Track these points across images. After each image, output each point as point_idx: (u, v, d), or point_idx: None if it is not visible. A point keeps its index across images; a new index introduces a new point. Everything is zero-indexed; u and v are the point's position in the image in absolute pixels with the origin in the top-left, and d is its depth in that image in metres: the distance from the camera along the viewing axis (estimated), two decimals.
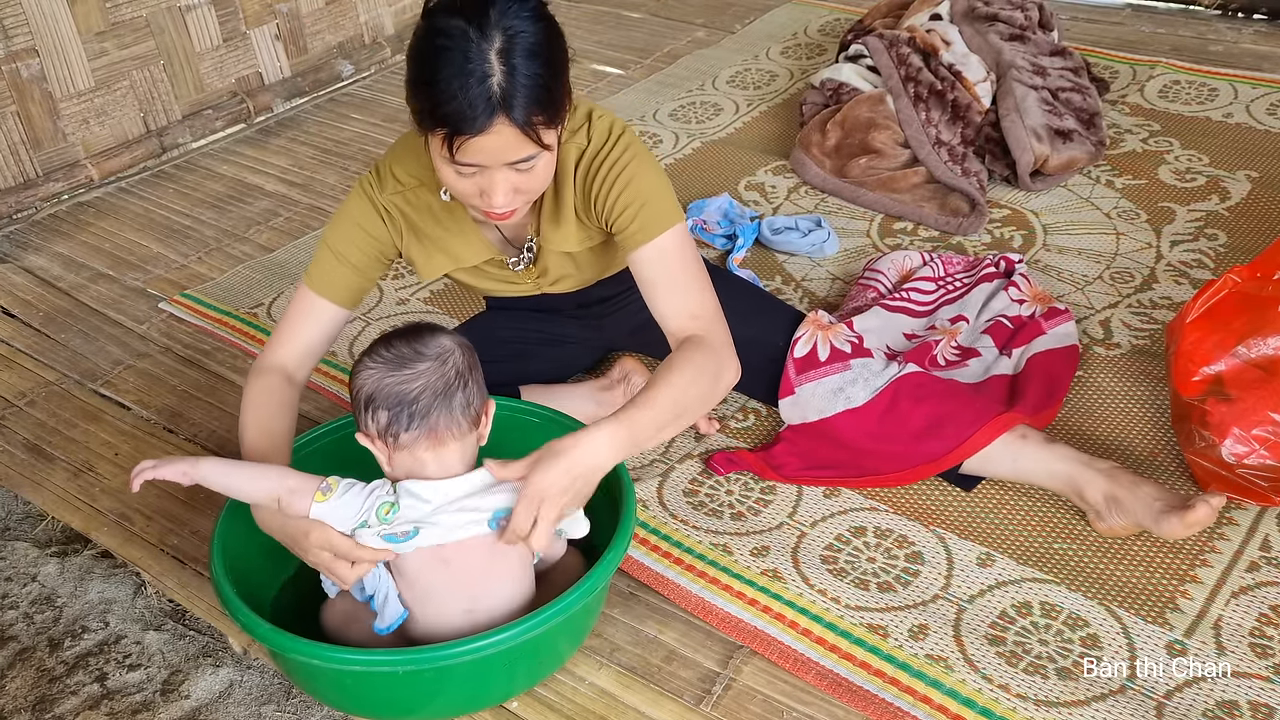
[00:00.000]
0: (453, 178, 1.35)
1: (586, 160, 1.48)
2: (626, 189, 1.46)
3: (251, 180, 2.81)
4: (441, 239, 1.55)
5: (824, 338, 1.71)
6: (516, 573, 1.35)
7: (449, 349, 1.30)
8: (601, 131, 1.48)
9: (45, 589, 1.63)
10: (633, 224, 1.46)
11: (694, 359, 1.40)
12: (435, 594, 1.31)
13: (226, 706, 1.43)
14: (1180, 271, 2.12)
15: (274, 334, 1.55)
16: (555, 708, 1.38)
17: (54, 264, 2.48)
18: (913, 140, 2.47)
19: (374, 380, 1.28)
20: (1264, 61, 2.94)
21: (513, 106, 1.26)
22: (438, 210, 1.53)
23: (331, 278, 1.53)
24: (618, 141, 1.48)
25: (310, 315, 1.53)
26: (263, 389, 1.48)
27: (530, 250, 1.60)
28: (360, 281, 1.55)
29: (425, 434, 1.27)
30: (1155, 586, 1.48)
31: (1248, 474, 1.56)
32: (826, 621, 1.46)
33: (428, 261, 1.57)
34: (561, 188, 1.50)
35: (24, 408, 2.01)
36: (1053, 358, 1.83)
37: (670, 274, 1.47)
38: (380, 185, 1.52)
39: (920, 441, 1.61)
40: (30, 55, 2.59)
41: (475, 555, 1.30)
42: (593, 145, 1.48)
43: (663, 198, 1.48)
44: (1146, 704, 1.33)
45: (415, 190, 1.52)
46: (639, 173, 1.47)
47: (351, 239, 1.52)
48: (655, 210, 1.46)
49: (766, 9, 3.59)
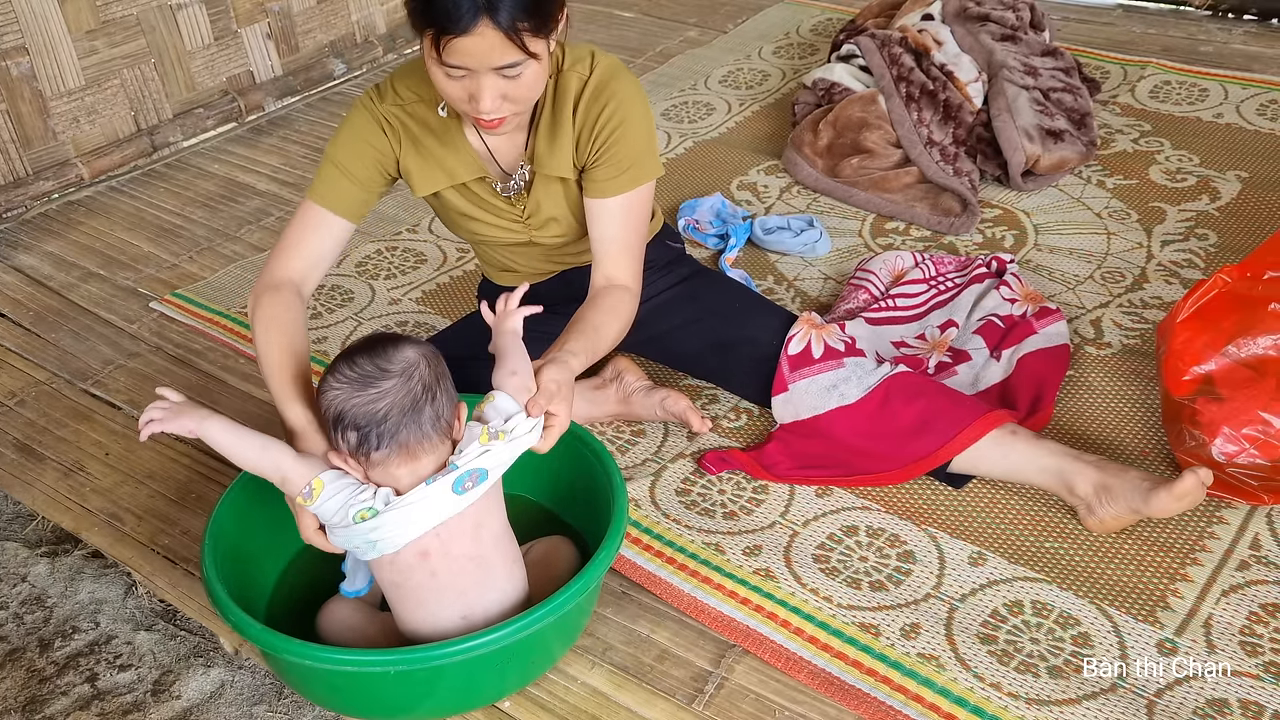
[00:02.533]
0: (443, 80, 1.38)
1: (590, 92, 1.53)
2: (619, 130, 1.52)
3: (243, 179, 2.80)
4: (437, 152, 1.57)
5: (818, 336, 1.71)
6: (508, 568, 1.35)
7: (413, 362, 1.27)
8: (605, 69, 1.54)
9: (35, 589, 1.62)
10: (614, 167, 1.53)
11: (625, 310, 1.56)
12: (427, 599, 1.30)
13: (218, 707, 1.42)
14: (1171, 271, 2.13)
15: (276, 250, 1.54)
16: (547, 707, 1.38)
17: (44, 263, 2.47)
18: (905, 140, 2.48)
19: (340, 400, 1.25)
20: (1254, 62, 2.95)
21: (497, 10, 1.29)
22: (435, 125, 1.56)
23: (336, 190, 1.54)
24: (622, 83, 1.53)
25: (316, 228, 1.54)
26: (278, 305, 1.47)
27: (521, 178, 1.61)
28: (363, 194, 1.56)
29: (397, 451, 1.25)
30: (1146, 585, 1.49)
31: (1238, 473, 1.56)
32: (819, 620, 1.46)
33: (423, 174, 1.59)
34: (560, 112, 1.53)
35: (14, 407, 2.00)
36: (1043, 358, 1.83)
37: (626, 227, 1.57)
38: (380, 98, 1.56)
39: (911, 439, 1.62)
40: (20, 53, 2.58)
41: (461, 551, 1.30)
42: (595, 78, 1.53)
43: (649, 150, 1.56)
44: (1138, 702, 1.33)
45: (414, 105, 1.56)
46: (635, 120, 1.53)
47: (353, 151, 1.55)
48: (640, 162, 1.55)
49: (759, 8, 3.59)
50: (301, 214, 1.55)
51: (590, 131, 1.53)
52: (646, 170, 1.56)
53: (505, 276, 1.82)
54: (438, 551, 1.29)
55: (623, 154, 1.53)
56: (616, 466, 1.47)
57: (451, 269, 2.32)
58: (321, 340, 2.11)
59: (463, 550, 1.30)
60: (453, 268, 2.32)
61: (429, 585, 1.29)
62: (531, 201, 1.62)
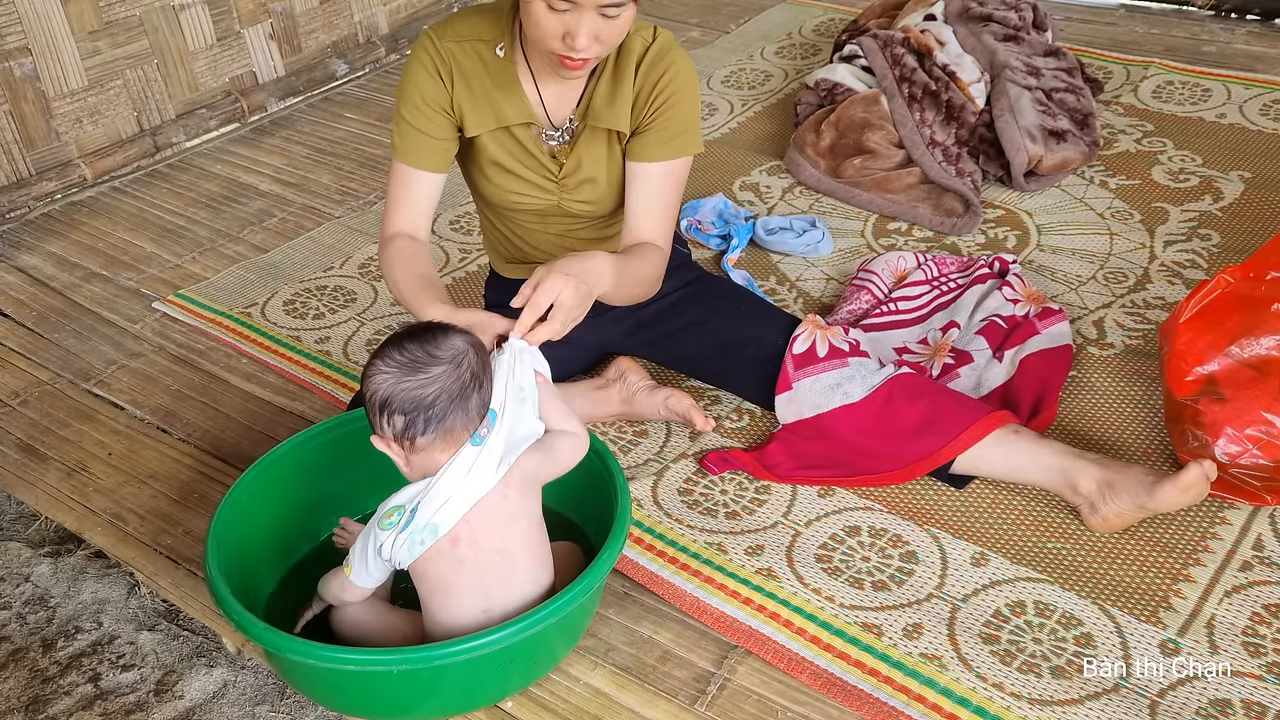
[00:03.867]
0: (543, 13, 1.39)
1: (652, 57, 1.57)
2: (677, 99, 1.58)
3: (245, 180, 2.80)
4: (490, 92, 1.60)
5: (823, 336, 1.71)
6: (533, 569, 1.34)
7: (462, 350, 1.29)
8: (666, 39, 1.60)
9: (38, 589, 1.62)
10: (666, 132, 1.59)
11: (655, 260, 1.60)
12: (452, 587, 1.30)
13: (220, 707, 1.42)
14: (1174, 272, 2.13)
15: (385, 210, 1.65)
16: (550, 708, 1.38)
17: (47, 263, 2.47)
18: (907, 141, 2.48)
19: (389, 384, 1.26)
20: (1257, 62, 2.95)
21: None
22: (491, 65, 1.59)
23: (414, 147, 1.61)
24: (680, 55, 1.59)
25: (408, 184, 1.62)
26: (397, 250, 1.58)
27: (568, 132, 1.64)
28: (441, 145, 1.62)
29: (442, 437, 1.27)
30: (1149, 585, 1.49)
31: (1241, 473, 1.56)
32: (821, 621, 1.46)
33: (475, 113, 1.61)
34: (623, 70, 1.58)
35: (17, 407, 2.01)
36: (1046, 359, 1.83)
37: (664, 195, 1.62)
38: (441, 35, 1.59)
39: (914, 439, 1.62)
40: (23, 54, 2.59)
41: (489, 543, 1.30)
42: (658, 45, 1.58)
43: (695, 126, 1.62)
44: (1140, 703, 1.33)
45: (474, 43, 1.59)
46: (691, 92, 1.60)
47: (420, 110, 1.59)
48: (690, 132, 1.61)
49: (761, 9, 3.59)
50: (396, 176, 1.63)
51: (649, 93, 1.57)
52: (692, 142, 1.61)
53: (513, 269, 1.82)
54: (467, 539, 1.29)
55: (674, 121, 1.58)
56: (619, 466, 1.47)
57: (454, 269, 2.32)
58: (324, 340, 2.11)
59: (490, 542, 1.30)
60: (455, 268, 2.32)
61: (455, 573, 1.30)
62: (573, 158, 1.64)
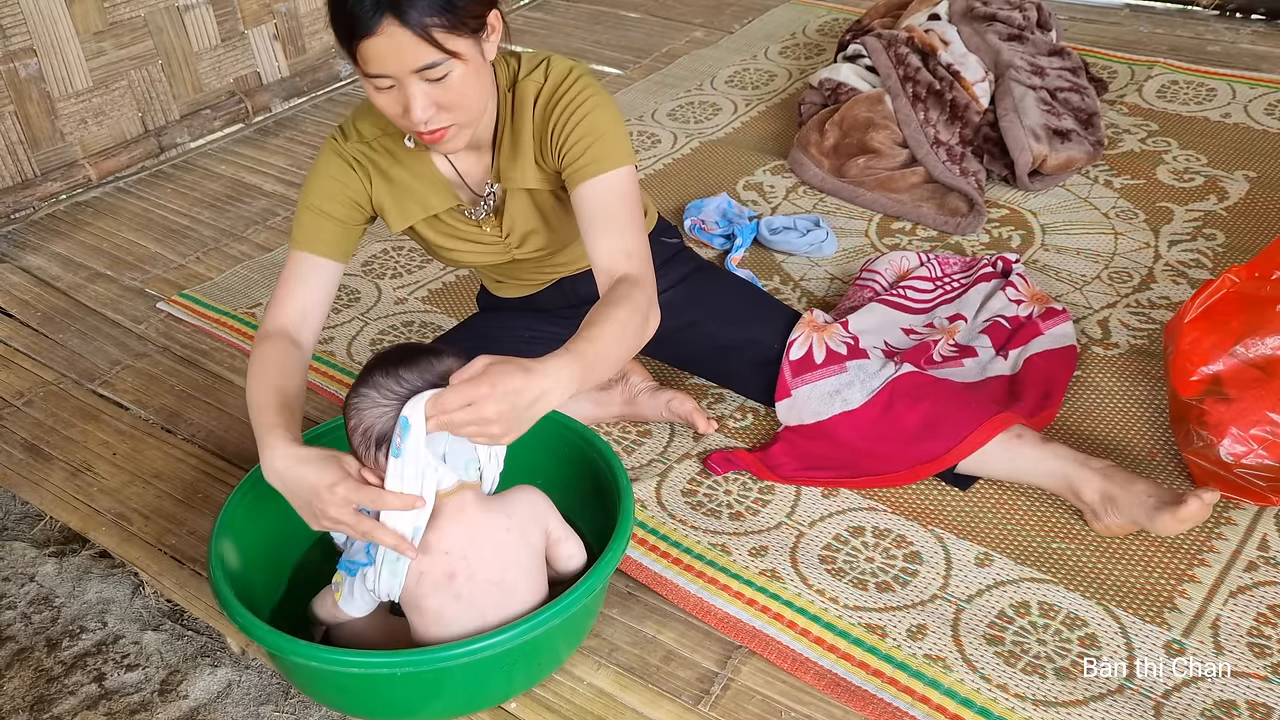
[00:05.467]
0: (375, 95, 1.36)
1: (545, 96, 1.49)
2: (580, 124, 1.46)
3: (249, 180, 2.81)
4: (409, 184, 1.55)
5: (819, 339, 1.70)
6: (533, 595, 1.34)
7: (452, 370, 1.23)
8: (560, 71, 1.49)
9: (43, 589, 1.62)
10: (582, 158, 1.46)
11: (632, 296, 1.37)
12: (449, 619, 1.30)
13: (224, 707, 1.42)
14: (1178, 271, 2.12)
15: (271, 300, 1.53)
16: (554, 708, 1.38)
17: (52, 264, 2.48)
18: (911, 140, 2.47)
19: (382, 418, 1.23)
20: (1262, 62, 2.94)
21: (401, 6, 1.27)
22: (403, 157, 1.54)
23: (317, 233, 1.52)
24: (576, 80, 1.49)
25: (304, 275, 1.51)
26: (268, 351, 1.45)
27: (490, 198, 1.59)
28: (344, 233, 1.54)
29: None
30: (1153, 586, 1.48)
31: (1246, 474, 1.56)
32: (825, 621, 1.46)
33: (398, 208, 1.56)
34: (520, 123, 1.50)
35: (22, 407, 2.01)
36: (1050, 359, 1.83)
37: (612, 211, 1.45)
38: (345, 137, 1.54)
39: (917, 442, 1.61)
40: (28, 55, 2.59)
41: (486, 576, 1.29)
42: (550, 82, 1.49)
43: (616, 137, 1.48)
44: (1145, 704, 1.33)
45: (380, 139, 1.54)
46: (595, 109, 1.47)
47: (326, 192, 1.52)
48: (607, 147, 1.46)
49: (765, 9, 3.59)
50: (289, 263, 1.53)
51: (552, 129, 1.48)
52: (619, 152, 1.47)
53: (501, 287, 1.82)
54: (464, 574, 1.28)
55: (590, 141, 1.46)
56: (623, 467, 1.47)
57: (448, 270, 2.32)
58: (328, 340, 2.11)
59: (488, 575, 1.29)
60: (449, 270, 2.32)
61: (452, 607, 1.29)
62: (506, 220, 1.59)
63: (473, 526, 1.29)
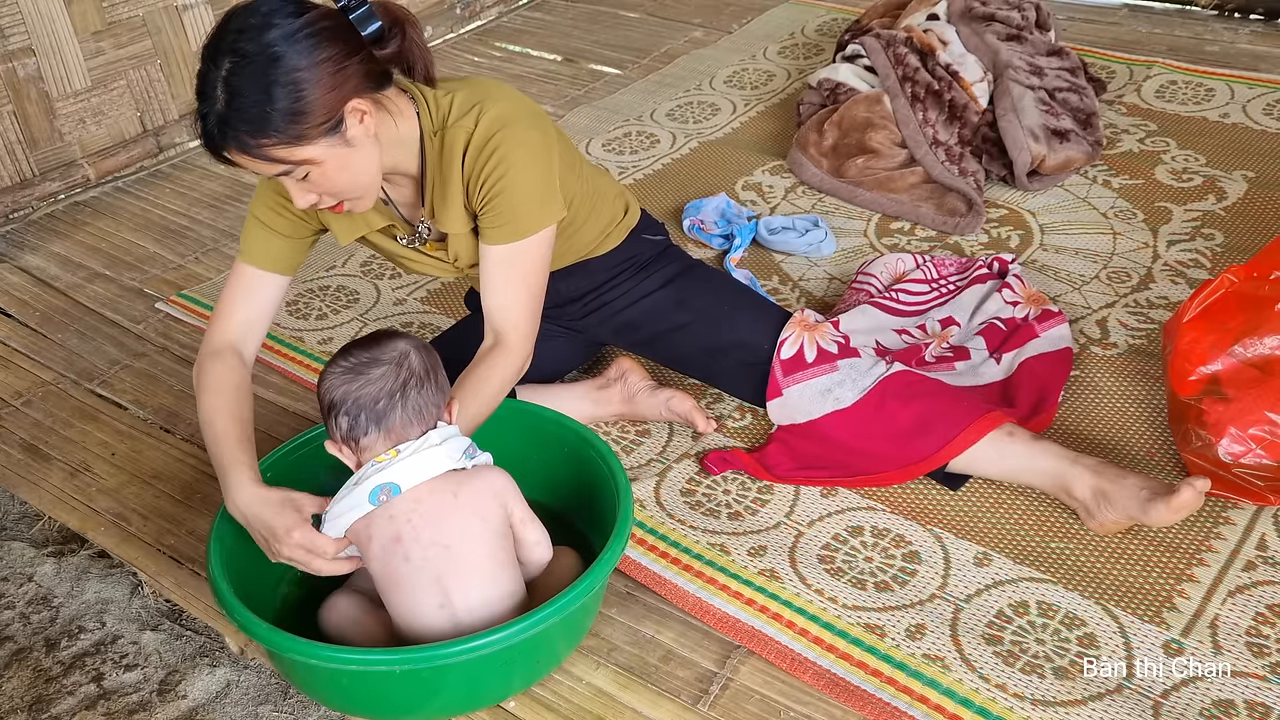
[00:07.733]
0: None
1: (474, 147, 1.47)
2: (498, 184, 1.46)
3: (248, 180, 2.80)
4: None
5: (810, 338, 1.70)
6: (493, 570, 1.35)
7: (404, 352, 1.36)
8: (490, 122, 1.46)
9: (42, 589, 1.62)
10: (495, 220, 1.48)
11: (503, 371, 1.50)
12: (403, 581, 1.32)
13: (223, 706, 1.42)
14: (1177, 271, 2.12)
15: (214, 314, 1.55)
16: (552, 707, 1.38)
17: (50, 264, 2.48)
18: (910, 140, 2.47)
19: (335, 388, 1.34)
20: (1260, 61, 2.94)
21: (229, 138, 1.29)
22: None
23: (263, 246, 1.54)
24: (505, 132, 1.46)
25: (250, 288, 1.54)
26: (221, 372, 1.48)
27: (424, 232, 1.59)
28: (290, 246, 1.55)
29: (384, 435, 1.33)
30: (1152, 586, 1.48)
31: (1244, 473, 1.56)
32: (824, 621, 1.46)
33: (339, 222, 1.56)
34: (448, 170, 1.49)
35: (20, 408, 2.01)
36: (1045, 363, 1.82)
37: (508, 278, 1.50)
38: None
39: (909, 441, 1.61)
40: (27, 55, 2.59)
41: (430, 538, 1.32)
42: (480, 133, 1.46)
43: (531, 202, 1.48)
44: (1144, 703, 1.33)
45: None
46: (516, 170, 1.46)
47: (272, 205, 1.53)
48: (521, 214, 1.47)
49: (764, 9, 3.59)
50: (234, 276, 1.54)
51: (478, 180, 1.47)
52: (531, 222, 1.48)
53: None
54: (409, 536, 1.32)
55: (505, 206, 1.47)
56: (621, 467, 1.47)
57: None
58: (328, 341, 2.11)
59: (432, 536, 1.32)
60: None
61: (403, 569, 1.32)
62: (450, 249, 1.59)
63: (419, 492, 1.33)
